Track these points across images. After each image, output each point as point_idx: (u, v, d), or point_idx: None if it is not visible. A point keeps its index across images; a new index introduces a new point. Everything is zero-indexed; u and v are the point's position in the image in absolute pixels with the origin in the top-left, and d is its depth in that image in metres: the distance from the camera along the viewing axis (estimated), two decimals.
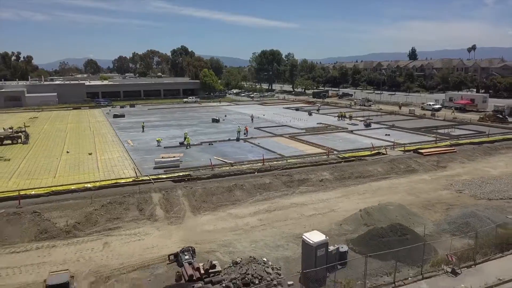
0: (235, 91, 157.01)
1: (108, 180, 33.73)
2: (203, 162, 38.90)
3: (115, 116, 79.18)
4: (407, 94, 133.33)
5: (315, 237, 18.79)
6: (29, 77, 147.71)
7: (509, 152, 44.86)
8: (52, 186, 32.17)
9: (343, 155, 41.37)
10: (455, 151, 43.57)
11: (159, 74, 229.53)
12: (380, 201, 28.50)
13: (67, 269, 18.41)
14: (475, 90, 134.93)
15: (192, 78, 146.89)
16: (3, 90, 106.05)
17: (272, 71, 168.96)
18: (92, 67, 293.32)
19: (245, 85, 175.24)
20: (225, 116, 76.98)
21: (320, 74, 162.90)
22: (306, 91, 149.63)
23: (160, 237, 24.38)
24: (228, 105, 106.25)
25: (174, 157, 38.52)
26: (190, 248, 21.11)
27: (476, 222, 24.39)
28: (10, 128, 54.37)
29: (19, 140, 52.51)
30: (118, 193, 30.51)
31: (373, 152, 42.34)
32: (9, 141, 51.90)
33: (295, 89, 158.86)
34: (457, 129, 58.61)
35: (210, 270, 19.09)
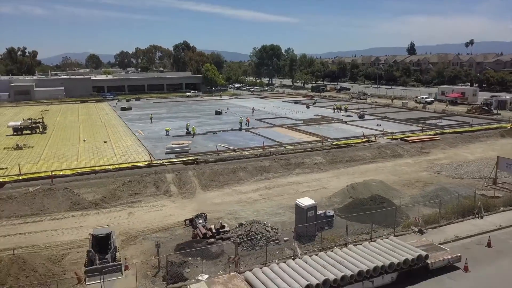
0: (236, 85, 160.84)
1: (126, 163, 37.97)
2: (209, 149, 43.11)
3: (123, 109, 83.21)
4: (403, 88, 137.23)
5: (306, 201, 23.04)
6: (36, 72, 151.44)
7: (488, 140, 49.05)
8: (77, 168, 36.40)
9: (336, 142, 45.57)
10: (439, 139, 47.79)
11: (161, 68, 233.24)
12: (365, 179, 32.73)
13: (108, 225, 22.67)
14: (469, 84, 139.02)
15: (194, 72, 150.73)
16: (12, 84, 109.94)
17: (272, 66, 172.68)
18: (94, 61, 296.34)
19: (246, 80, 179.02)
20: (227, 108, 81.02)
21: (318, 68, 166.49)
22: (305, 85, 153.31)
23: (176, 208, 28.64)
24: (229, 98, 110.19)
25: (183, 143, 42.72)
26: (202, 214, 25.33)
27: (445, 195, 28.61)
28: (29, 119, 58.46)
29: (37, 130, 56.63)
30: (136, 174, 34.76)
31: (363, 140, 46.52)
32: (28, 131, 56.03)
33: (295, 84, 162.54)
34: (445, 120, 62.75)
35: (220, 230, 23.32)
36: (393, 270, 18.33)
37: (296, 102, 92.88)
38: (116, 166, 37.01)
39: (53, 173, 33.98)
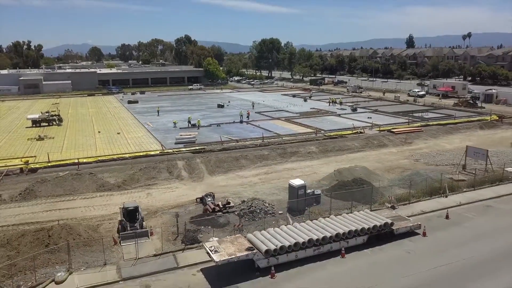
0: (236, 78, 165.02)
1: (140, 152, 42.75)
2: (214, 139, 47.86)
3: (130, 102, 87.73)
4: (399, 81, 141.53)
5: (297, 182, 27.86)
6: (43, 66, 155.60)
7: (468, 131, 53.76)
8: (97, 156, 41.19)
9: (329, 134, 50.29)
10: (422, 130, 52.53)
11: (162, 61, 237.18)
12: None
13: (135, 200, 27.53)
14: (462, 77, 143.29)
15: (195, 66, 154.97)
16: (22, 78, 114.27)
17: (271, 59, 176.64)
18: (96, 54, 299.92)
19: (246, 72, 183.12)
20: (229, 102, 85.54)
21: (317, 62, 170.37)
22: (304, 78, 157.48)
23: (187, 189, 33.45)
24: (230, 92, 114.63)
25: (190, 135, 47.44)
26: (211, 193, 30.11)
27: (418, 179, 33.42)
28: (46, 112, 63.09)
29: (54, 123, 61.30)
30: (150, 161, 39.57)
31: (353, 131, 51.22)
32: (46, 123, 60.70)
33: (294, 77, 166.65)
34: (432, 113, 67.38)
35: (226, 205, 28.11)
36: (364, 233, 23.16)
37: (294, 96, 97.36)
38: (132, 154, 41.82)
39: (78, 160, 38.78)
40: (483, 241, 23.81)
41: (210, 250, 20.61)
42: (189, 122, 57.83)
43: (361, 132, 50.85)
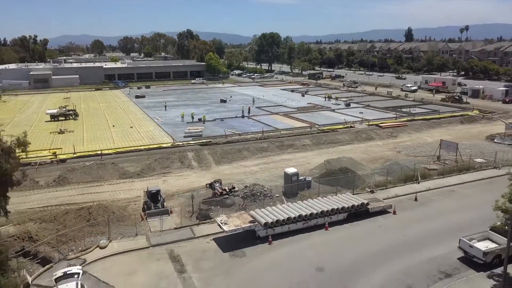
0: (237, 72, 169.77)
1: (154, 144, 48.10)
2: (219, 133, 53.17)
3: (137, 97, 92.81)
4: (394, 75, 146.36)
5: (291, 170, 33.30)
6: (51, 60, 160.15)
7: (449, 126, 59.06)
8: (116, 148, 46.56)
9: (322, 128, 55.58)
10: (407, 125, 57.85)
11: (163, 53, 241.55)
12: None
13: (156, 185, 32.98)
14: (456, 72, 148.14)
15: (197, 60, 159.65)
16: (32, 73, 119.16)
17: (271, 53, 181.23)
18: (98, 47, 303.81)
19: (246, 66, 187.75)
20: (231, 97, 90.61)
21: (316, 56, 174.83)
22: (303, 72, 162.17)
23: (198, 177, 38.88)
24: (232, 86, 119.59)
25: (197, 129, 52.76)
26: (218, 180, 35.45)
27: (396, 167, 38.84)
28: (63, 107, 68.32)
29: (71, 117, 66.54)
30: (163, 153, 44.94)
31: (345, 126, 56.51)
32: (63, 118, 65.93)
33: (293, 71, 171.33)
34: (419, 108, 72.63)
35: (232, 190, 33.52)
36: (344, 211, 28.61)
37: (292, 91, 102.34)
38: (146, 146, 47.19)
39: (101, 152, 44.20)
40: (442, 218, 29.25)
41: (220, 223, 26.08)
42: (192, 117, 62.95)
43: (351, 127, 56.16)
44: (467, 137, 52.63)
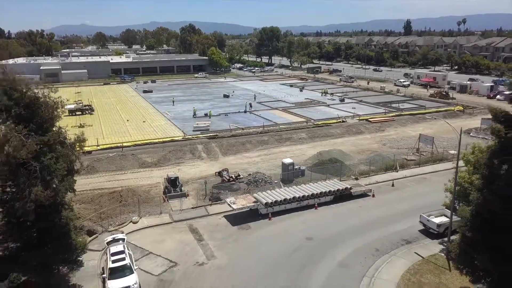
0: (238, 65, 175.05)
1: (167, 137, 54.09)
2: (224, 127, 59.09)
3: (145, 91, 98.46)
4: (390, 69, 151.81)
5: (287, 160, 39.40)
6: (59, 54, 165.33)
7: (432, 120, 64.78)
8: (133, 141, 52.52)
9: (317, 123, 61.51)
10: (394, 120, 63.77)
11: (165, 46, 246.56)
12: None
13: (174, 172, 39.11)
14: (449, 66, 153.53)
15: (200, 54, 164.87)
16: (42, 67, 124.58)
17: (271, 47, 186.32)
18: (101, 39, 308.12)
19: (247, 60, 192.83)
20: (233, 92, 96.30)
21: (314, 50, 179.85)
22: (302, 66, 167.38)
23: (207, 166, 44.95)
24: (233, 80, 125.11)
25: (205, 123, 58.71)
26: (226, 169, 41.52)
27: (379, 158, 44.89)
28: (80, 103, 74.11)
29: (87, 112, 72.39)
30: (176, 145, 50.94)
31: (337, 120, 62.43)
32: (80, 112, 71.78)
33: (293, 64, 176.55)
34: (408, 103, 78.42)
35: (237, 177, 39.61)
36: (331, 194, 34.71)
37: (291, 86, 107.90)
38: (160, 139, 53.17)
39: (122, 144, 50.24)
40: (411, 200, 35.37)
41: (229, 203, 32.23)
42: (194, 112, 68.45)
43: (343, 121, 62.09)
44: (447, 131, 58.29)
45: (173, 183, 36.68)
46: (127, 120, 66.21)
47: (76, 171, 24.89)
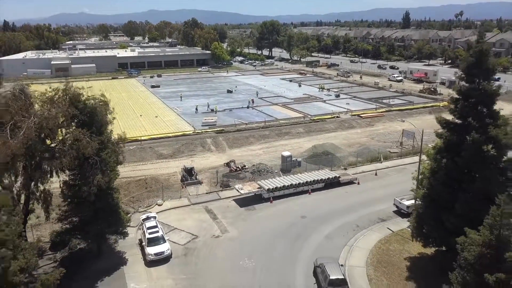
0: (239, 58, 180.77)
1: (179, 132, 60.62)
2: (229, 123, 65.55)
3: (153, 86, 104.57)
4: (387, 63, 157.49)
5: (286, 153, 46.09)
6: (67, 48, 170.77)
7: (418, 116, 71.37)
8: (149, 135, 59.03)
9: (313, 118, 67.99)
10: (383, 115, 70.23)
11: (167, 38, 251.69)
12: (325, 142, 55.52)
13: (190, 163, 45.75)
14: (443, 61, 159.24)
15: (202, 48, 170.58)
16: (53, 62, 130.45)
17: (272, 40, 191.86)
18: (103, 31, 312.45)
19: (248, 52, 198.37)
20: (236, 87, 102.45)
21: (313, 44, 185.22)
22: (302, 59, 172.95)
23: (216, 158, 51.57)
24: (235, 75, 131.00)
25: (212, 119, 65.20)
26: (233, 160, 48.14)
27: (367, 151, 51.51)
28: None
29: None
30: (188, 139, 57.50)
31: (332, 116, 68.91)
32: None
33: (292, 58, 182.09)
34: (398, 99, 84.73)
35: (243, 167, 46.25)
36: (322, 182, 41.40)
37: (291, 80, 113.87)
38: (173, 134, 59.71)
39: (141, 138, 56.82)
40: (390, 187, 42.01)
41: (238, 189, 38.95)
42: (196, 109, 74.59)
43: (337, 117, 68.57)
44: (431, 126, 64.06)
45: (189, 172, 43.35)
46: (140, 115, 72.59)
47: (120, 162, 31.50)
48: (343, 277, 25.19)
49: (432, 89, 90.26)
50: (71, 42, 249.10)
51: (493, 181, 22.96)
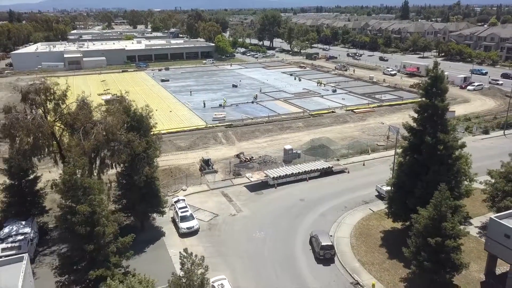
0: (241, 50, 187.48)
1: (193, 126, 68.71)
2: (236, 117, 73.57)
3: (163, 80, 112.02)
4: (383, 55, 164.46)
5: (288, 146, 54.42)
6: (76, 41, 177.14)
7: (406, 111, 79.06)
8: (167, 129, 67.06)
9: (311, 113, 76.01)
10: (374, 111, 78.26)
11: (172, 30, 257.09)
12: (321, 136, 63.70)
13: (206, 154, 54.04)
14: (437, 53, 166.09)
15: (206, 40, 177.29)
16: (66, 55, 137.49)
17: (273, 32, 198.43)
18: (106, 20, 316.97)
19: (249, 45, 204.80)
20: (240, 81, 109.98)
21: (313, 36, 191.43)
22: (302, 51, 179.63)
23: (227, 150, 59.78)
24: (239, 68, 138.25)
25: (222, 114, 73.22)
26: (242, 152, 56.37)
27: (358, 144, 59.76)
28: (108, 91, 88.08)
29: None
30: (201, 132, 65.65)
31: (328, 111, 76.89)
32: None
33: (293, 49, 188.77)
34: (390, 94, 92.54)
35: (251, 158, 54.51)
36: (318, 171, 49.75)
37: (291, 74, 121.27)
38: (188, 128, 67.80)
39: (160, 131, 64.82)
40: (375, 175, 50.26)
41: (248, 177, 47.31)
42: (204, 104, 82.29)
43: (333, 112, 76.57)
44: None
45: (206, 163, 51.64)
46: (156, 110, 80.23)
47: (157, 156, 39.78)
48: (331, 243, 33.72)
49: (422, 84, 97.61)
50: (75, 31, 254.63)
51: (442, 173, 31.25)
